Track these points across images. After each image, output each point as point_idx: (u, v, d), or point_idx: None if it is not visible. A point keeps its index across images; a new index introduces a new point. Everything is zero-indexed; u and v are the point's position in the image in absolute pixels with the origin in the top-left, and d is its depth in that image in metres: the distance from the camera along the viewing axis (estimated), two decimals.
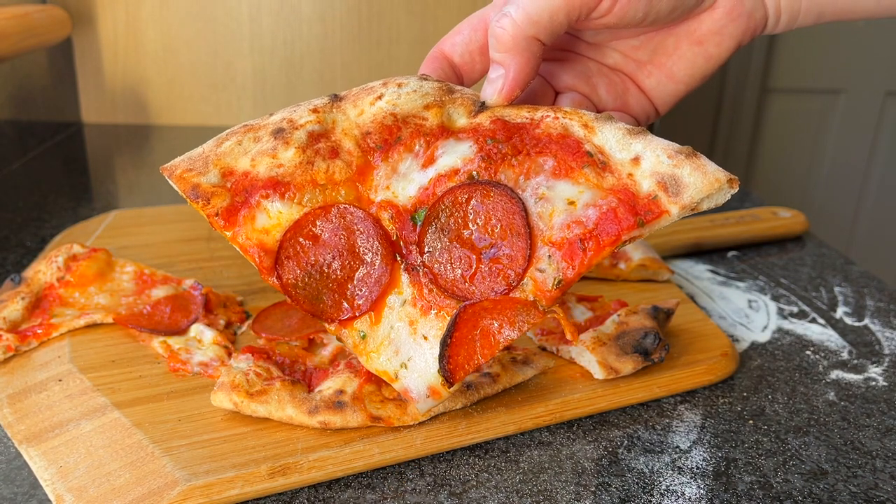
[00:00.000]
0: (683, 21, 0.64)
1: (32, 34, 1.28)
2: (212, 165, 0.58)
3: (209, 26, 1.62)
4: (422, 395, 0.57)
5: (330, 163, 0.58)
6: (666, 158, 0.54)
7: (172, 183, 0.59)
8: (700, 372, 0.72)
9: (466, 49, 0.63)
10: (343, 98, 0.61)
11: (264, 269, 0.57)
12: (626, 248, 0.92)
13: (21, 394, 0.65)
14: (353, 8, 1.63)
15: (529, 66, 0.58)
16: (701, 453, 0.63)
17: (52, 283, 0.77)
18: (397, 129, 0.59)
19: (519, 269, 0.55)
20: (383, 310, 0.58)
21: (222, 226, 0.57)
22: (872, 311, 0.89)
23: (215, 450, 0.58)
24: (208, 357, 0.69)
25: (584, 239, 0.54)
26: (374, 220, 0.58)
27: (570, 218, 0.55)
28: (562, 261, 0.54)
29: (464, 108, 0.59)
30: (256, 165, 0.58)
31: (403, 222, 0.58)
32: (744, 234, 1.07)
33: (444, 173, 0.58)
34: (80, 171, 1.41)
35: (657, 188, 0.53)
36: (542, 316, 0.55)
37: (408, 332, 0.58)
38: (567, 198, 0.55)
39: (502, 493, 0.57)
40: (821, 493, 0.59)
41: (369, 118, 0.59)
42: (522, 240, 0.55)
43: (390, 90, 0.59)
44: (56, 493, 0.54)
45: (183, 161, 0.59)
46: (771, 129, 2.81)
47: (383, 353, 0.58)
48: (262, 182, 0.57)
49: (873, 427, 0.67)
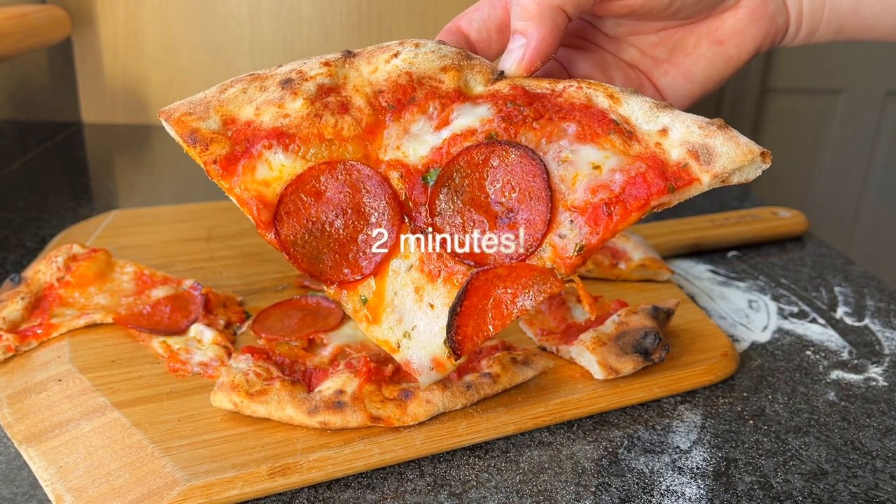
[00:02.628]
0: (705, 19, 0.63)
1: (32, 34, 1.28)
2: (213, 111, 0.55)
3: (209, 26, 1.61)
4: (425, 368, 0.55)
5: (339, 118, 0.55)
6: (696, 129, 0.53)
7: (169, 126, 0.56)
8: (700, 372, 0.72)
9: (484, 25, 0.61)
10: (357, 55, 0.58)
11: (261, 224, 0.54)
12: (626, 248, 0.92)
13: (21, 394, 0.65)
14: (353, 8, 1.63)
15: (552, 37, 0.56)
16: (701, 453, 0.63)
17: (52, 283, 0.77)
18: (412, 90, 0.56)
19: (538, 235, 0.53)
20: (387, 274, 0.55)
21: (220, 174, 0.54)
22: (872, 311, 0.89)
23: (215, 450, 0.57)
24: (208, 357, 0.69)
25: (610, 203, 0.52)
26: (382, 179, 0.55)
27: (595, 182, 0.52)
28: (585, 226, 0.52)
29: (482, 76, 0.57)
30: (261, 115, 0.55)
31: (414, 182, 0.55)
32: (744, 234, 1.07)
33: (459, 133, 0.55)
34: (79, 171, 1.41)
35: (687, 156, 0.52)
36: (561, 285, 0.52)
37: (413, 299, 0.55)
38: (592, 162, 0.53)
39: (502, 493, 0.57)
40: (821, 494, 0.59)
41: (383, 76, 0.57)
42: (543, 203, 0.53)
43: (407, 48, 0.57)
44: (56, 494, 0.54)
45: (182, 105, 0.56)
46: (771, 129, 2.81)
47: (385, 320, 0.55)
48: (265, 132, 0.55)
49: (873, 427, 0.67)
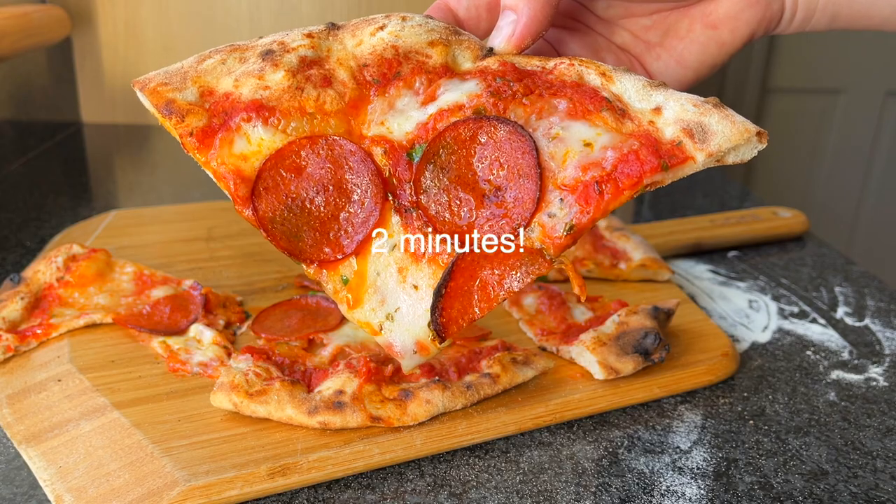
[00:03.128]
0: (699, 2, 0.62)
1: (32, 34, 1.28)
2: (190, 82, 0.53)
3: (209, 26, 1.61)
4: (408, 351, 0.54)
5: (321, 91, 0.54)
6: (691, 107, 0.52)
7: (143, 97, 0.54)
8: (700, 372, 0.72)
9: (473, 3, 0.60)
10: (342, 27, 0.56)
11: (238, 199, 0.53)
12: (627, 248, 0.92)
13: (20, 394, 0.64)
14: (353, 8, 1.63)
15: (544, 13, 0.54)
16: (701, 454, 0.63)
17: (52, 283, 0.77)
18: (397, 64, 0.54)
19: (526, 214, 0.52)
20: (370, 254, 0.54)
21: (196, 147, 0.52)
22: (873, 311, 0.89)
23: (215, 450, 0.57)
24: (208, 357, 0.69)
25: (602, 181, 0.51)
26: (365, 155, 0.53)
27: (586, 159, 0.51)
28: (575, 204, 0.51)
29: (470, 52, 0.56)
30: (240, 87, 0.53)
31: (398, 159, 0.54)
32: (744, 234, 1.07)
33: (446, 108, 0.53)
34: (79, 171, 1.41)
35: (682, 134, 0.51)
36: (549, 266, 0.52)
37: (396, 280, 0.54)
38: (583, 139, 0.52)
39: (502, 493, 0.57)
40: (821, 494, 0.59)
41: (368, 49, 0.55)
42: (532, 181, 0.52)
43: (394, 21, 0.55)
44: (55, 494, 0.54)
45: (158, 75, 0.54)
46: (771, 129, 2.78)
47: (367, 302, 0.54)
48: (244, 104, 0.53)
49: (874, 427, 0.67)
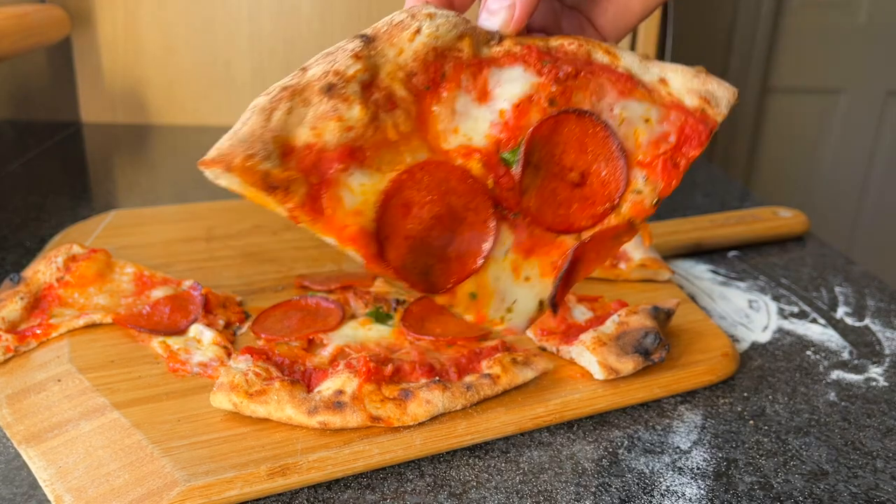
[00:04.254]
0: None
1: (31, 34, 1.27)
2: (272, 145, 0.46)
3: (209, 26, 1.61)
4: (522, 328, 0.56)
5: (392, 115, 0.50)
6: (691, 76, 0.55)
7: (229, 178, 0.45)
8: (700, 372, 0.72)
9: None
10: (374, 38, 0.52)
11: (371, 258, 0.48)
12: (626, 248, 0.92)
13: (20, 394, 0.64)
14: (353, 8, 1.63)
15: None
16: (701, 454, 0.63)
17: (52, 283, 0.77)
18: (440, 66, 0.52)
19: (615, 196, 0.55)
20: (490, 265, 0.54)
21: (311, 220, 0.47)
22: (873, 311, 0.89)
23: (215, 450, 0.57)
24: (207, 357, 0.69)
25: (674, 154, 0.55)
26: (463, 173, 0.51)
27: (653, 136, 0.55)
28: (659, 180, 0.55)
29: (483, 39, 0.55)
30: (321, 134, 0.48)
31: (495, 166, 0.53)
32: (744, 234, 1.07)
33: (517, 102, 0.53)
34: (79, 170, 1.41)
35: (701, 102, 0.55)
36: (635, 233, 0.56)
37: (512, 278, 0.55)
38: (642, 116, 0.55)
39: (502, 493, 0.57)
40: (821, 494, 0.59)
41: (410, 56, 0.52)
42: (618, 165, 0.55)
43: (426, 22, 0.52)
44: (55, 494, 0.54)
45: (235, 146, 0.46)
46: (771, 129, 2.81)
47: (491, 306, 0.55)
48: (335, 154, 0.48)
49: (874, 427, 0.67)
